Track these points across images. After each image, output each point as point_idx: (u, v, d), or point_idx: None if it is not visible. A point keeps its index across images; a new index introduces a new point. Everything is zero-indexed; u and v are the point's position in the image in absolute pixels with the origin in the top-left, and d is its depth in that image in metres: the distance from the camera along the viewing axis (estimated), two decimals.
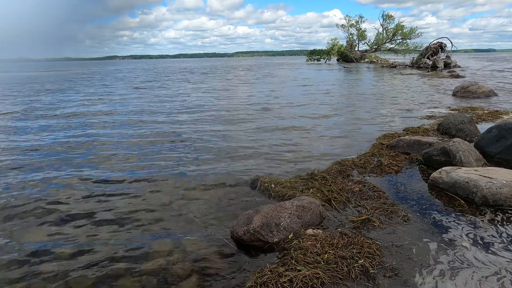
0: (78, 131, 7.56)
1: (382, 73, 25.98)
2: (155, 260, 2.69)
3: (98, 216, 3.49)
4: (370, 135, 6.51)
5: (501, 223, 2.97)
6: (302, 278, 2.23)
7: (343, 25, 47.87)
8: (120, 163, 5.20)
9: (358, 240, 2.66)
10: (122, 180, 4.47)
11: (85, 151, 5.92)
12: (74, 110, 10.73)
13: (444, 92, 13.18)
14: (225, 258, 2.70)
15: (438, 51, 29.05)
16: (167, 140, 6.59)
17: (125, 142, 6.50)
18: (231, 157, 5.36)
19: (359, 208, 3.35)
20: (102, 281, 2.47)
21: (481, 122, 7.15)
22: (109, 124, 8.33)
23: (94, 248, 2.89)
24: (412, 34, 42.83)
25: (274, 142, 6.25)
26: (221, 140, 6.50)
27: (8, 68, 64.88)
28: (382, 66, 35.60)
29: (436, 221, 3.05)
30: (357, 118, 8.38)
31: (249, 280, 2.31)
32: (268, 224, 2.80)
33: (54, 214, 3.56)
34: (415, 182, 4.02)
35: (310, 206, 3.06)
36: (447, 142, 4.42)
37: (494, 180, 3.34)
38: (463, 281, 2.23)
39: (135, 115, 9.44)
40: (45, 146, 6.25)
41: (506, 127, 4.74)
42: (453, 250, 2.58)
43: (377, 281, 2.26)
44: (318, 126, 7.53)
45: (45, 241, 3.03)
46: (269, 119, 8.52)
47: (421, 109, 9.35)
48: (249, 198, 3.78)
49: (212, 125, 7.94)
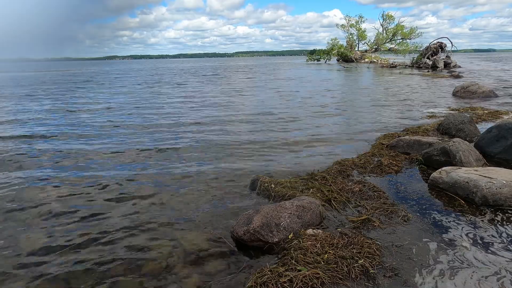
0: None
1: (382, 73, 25.97)
2: (155, 260, 2.69)
3: (98, 216, 3.49)
4: (370, 135, 6.51)
5: (501, 223, 2.97)
6: (302, 278, 2.23)
7: (343, 25, 47.95)
8: (120, 163, 5.20)
9: (358, 240, 2.66)
10: (121, 180, 4.47)
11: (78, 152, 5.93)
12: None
13: (444, 92, 13.17)
14: (225, 258, 2.70)
15: (438, 51, 29.06)
16: (167, 140, 6.59)
17: (125, 144, 6.50)
18: (231, 157, 5.36)
19: (359, 208, 3.35)
20: (102, 281, 2.47)
21: (481, 122, 7.15)
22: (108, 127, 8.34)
23: (94, 248, 2.90)
24: (412, 34, 42.87)
25: (274, 142, 6.25)
26: (221, 140, 6.50)
27: (9, 68, 64.80)
28: (382, 66, 35.59)
29: (436, 221, 3.05)
30: (357, 118, 8.38)
31: (249, 280, 2.31)
32: (268, 224, 2.80)
33: (53, 214, 3.56)
34: (415, 182, 4.02)
35: (310, 206, 3.07)
36: (447, 142, 4.41)
37: (494, 180, 3.34)
38: (463, 281, 2.23)
39: (135, 115, 9.46)
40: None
41: (506, 127, 4.74)
42: (453, 250, 2.58)
43: (377, 281, 2.26)
44: (318, 126, 7.53)
45: (45, 242, 3.03)
46: (269, 119, 8.53)
47: (421, 109, 9.35)
48: (249, 198, 3.78)
49: (212, 125, 7.94)
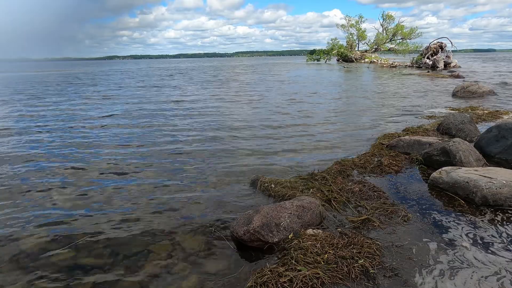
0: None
1: (382, 73, 25.97)
2: (155, 260, 2.69)
3: (97, 216, 3.49)
4: (370, 135, 6.51)
5: (501, 223, 2.97)
6: (302, 278, 2.23)
7: (343, 25, 47.99)
8: (118, 164, 5.20)
9: (358, 240, 2.66)
10: (120, 180, 4.47)
11: (78, 149, 5.93)
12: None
13: (444, 92, 13.17)
14: (225, 258, 2.70)
15: (438, 51, 29.06)
16: (167, 140, 6.59)
17: (126, 143, 6.50)
18: (231, 157, 5.36)
19: (359, 208, 3.35)
20: (102, 281, 2.47)
21: (481, 122, 7.15)
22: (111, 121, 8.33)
23: (94, 248, 2.90)
24: (412, 34, 42.92)
25: (274, 142, 6.25)
26: (221, 140, 6.50)
27: (11, 68, 64.67)
28: (382, 66, 35.60)
29: (436, 221, 3.05)
30: (357, 118, 8.38)
31: (249, 280, 2.31)
32: (268, 224, 2.80)
33: (52, 214, 3.57)
34: (415, 182, 4.02)
35: (310, 206, 3.06)
36: (447, 142, 4.41)
37: (494, 180, 3.34)
38: (462, 281, 2.24)
39: (135, 115, 9.47)
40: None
41: (506, 127, 4.74)
42: (453, 250, 2.58)
43: (377, 281, 2.26)
44: (318, 126, 7.52)
45: (45, 242, 3.03)
46: (269, 119, 8.53)
47: (421, 109, 9.35)
48: (249, 198, 3.78)
49: (212, 125, 7.94)
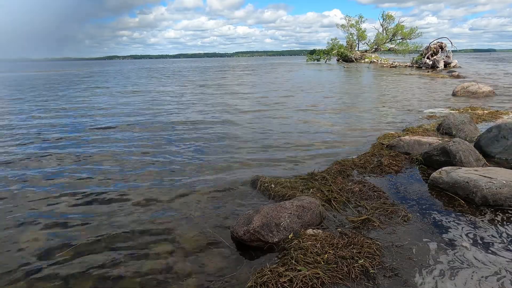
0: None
1: (382, 73, 25.97)
2: (155, 260, 2.69)
3: (97, 216, 3.49)
4: (370, 135, 6.51)
5: (501, 223, 2.97)
6: (302, 278, 2.23)
7: (343, 25, 47.96)
8: (119, 163, 5.20)
9: (358, 240, 2.66)
10: (120, 180, 4.47)
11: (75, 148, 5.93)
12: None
13: (444, 92, 13.17)
14: (225, 258, 2.70)
15: (438, 51, 29.07)
16: (166, 140, 6.59)
17: (126, 143, 6.50)
18: (231, 157, 5.36)
19: (359, 208, 3.35)
20: (102, 281, 2.47)
21: (481, 122, 7.15)
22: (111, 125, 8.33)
23: (94, 248, 2.89)
24: (412, 34, 42.91)
25: (274, 142, 6.25)
26: (221, 139, 6.50)
27: (12, 68, 64.55)
28: (382, 66, 35.60)
29: (436, 221, 3.05)
30: (357, 118, 8.38)
31: (249, 280, 2.31)
32: (268, 224, 2.80)
33: (52, 214, 3.57)
34: (415, 182, 4.02)
35: (310, 206, 3.06)
36: (447, 142, 4.41)
37: (494, 180, 3.34)
38: (463, 281, 2.23)
39: (134, 115, 9.46)
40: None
41: (506, 127, 4.74)
42: (453, 250, 2.58)
43: (377, 281, 2.26)
44: (318, 126, 7.53)
45: (45, 242, 3.03)
46: (269, 119, 8.53)
47: (421, 109, 9.34)
48: (249, 198, 3.78)
49: (212, 124, 7.94)
